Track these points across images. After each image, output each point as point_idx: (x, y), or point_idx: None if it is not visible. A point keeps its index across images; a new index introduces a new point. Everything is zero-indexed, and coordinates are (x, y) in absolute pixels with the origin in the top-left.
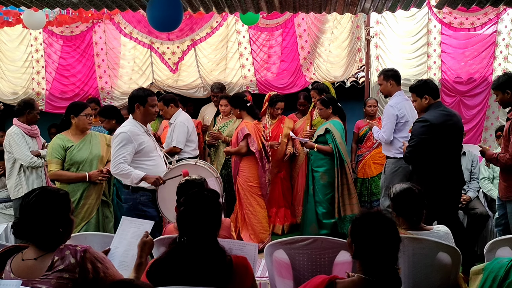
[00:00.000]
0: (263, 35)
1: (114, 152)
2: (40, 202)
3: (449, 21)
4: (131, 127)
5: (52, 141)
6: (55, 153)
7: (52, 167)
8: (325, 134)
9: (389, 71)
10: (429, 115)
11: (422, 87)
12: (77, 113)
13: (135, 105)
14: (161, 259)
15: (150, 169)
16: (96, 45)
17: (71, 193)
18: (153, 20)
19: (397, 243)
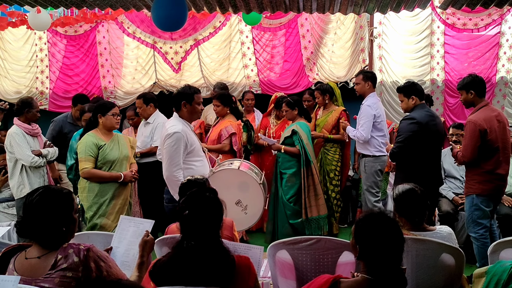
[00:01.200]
0: (266, 35)
1: (170, 154)
2: (43, 201)
3: (453, 22)
4: (182, 126)
5: (85, 139)
6: (88, 150)
7: (86, 165)
8: (292, 136)
9: (369, 73)
10: (415, 114)
11: (410, 88)
12: (104, 112)
13: (182, 103)
14: (165, 260)
15: (199, 170)
16: (100, 44)
17: (102, 193)
18: (157, 20)
19: (402, 243)
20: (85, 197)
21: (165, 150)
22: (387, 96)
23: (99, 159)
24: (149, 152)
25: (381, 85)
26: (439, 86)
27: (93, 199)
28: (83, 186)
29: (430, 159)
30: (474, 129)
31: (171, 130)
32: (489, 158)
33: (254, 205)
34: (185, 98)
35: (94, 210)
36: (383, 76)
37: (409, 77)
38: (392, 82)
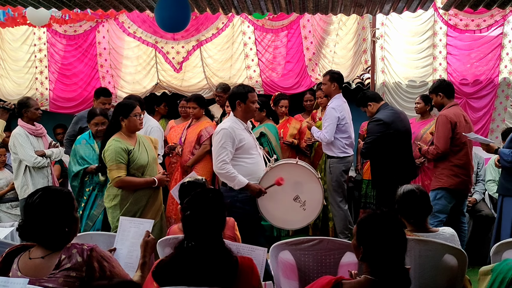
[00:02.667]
0: (268, 36)
1: (217, 150)
2: (44, 202)
3: (455, 23)
4: (231, 124)
5: (112, 145)
6: (119, 158)
7: (119, 173)
8: (260, 138)
9: (335, 73)
10: (381, 115)
11: (363, 99)
12: (126, 114)
13: (236, 102)
14: (167, 260)
15: (249, 167)
16: (99, 44)
17: (136, 200)
18: (161, 21)
19: (405, 242)
20: (116, 206)
21: (213, 146)
22: (390, 98)
23: (130, 165)
24: None
25: (384, 86)
26: None
27: (127, 208)
28: (113, 194)
29: (401, 153)
30: (445, 121)
31: (218, 128)
32: (458, 152)
33: (313, 200)
34: (240, 97)
35: None
36: (386, 77)
37: (411, 78)
38: (394, 83)
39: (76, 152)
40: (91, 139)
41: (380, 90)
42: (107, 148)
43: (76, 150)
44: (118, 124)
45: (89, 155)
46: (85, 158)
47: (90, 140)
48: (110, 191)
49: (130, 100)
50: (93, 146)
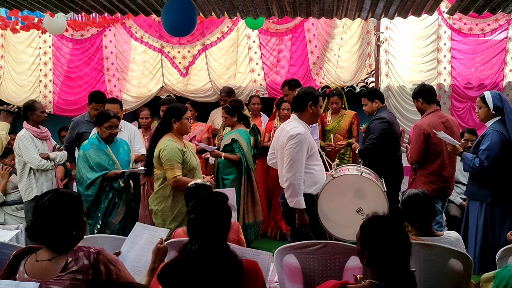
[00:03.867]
0: (273, 39)
1: (293, 156)
2: (53, 205)
3: (459, 27)
4: (304, 129)
5: (169, 145)
6: (177, 157)
7: (177, 173)
8: (232, 144)
9: (292, 81)
10: (384, 114)
11: (373, 93)
12: (179, 117)
13: (309, 103)
14: (171, 263)
15: (317, 175)
16: (106, 48)
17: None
18: (167, 25)
19: (409, 246)
20: (167, 208)
21: (287, 151)
22: (394, 101)
23: (184, 167)
24: (137, 160)
25: (388, 90)
26: (446, 91)
27: (179, 209)
28: (164, 196)
29: (394, 155)
30: (419, 133)
31: (294, 131)
32: (434, 160)
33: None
34: (313, 99)
35: (179, 220)
36: (390, 81)
37: (415, 82)
38: (398, 87)
39: (89, 158)
40: (102, 144)
41: (385, 93)
42: (163, 147)
43: (88, 156)
44: (169, 126)
45: (105, 160)
46: (102, 164)
47: (102, 145)
48: (160, 193)
49: (182, 104)
50: (106, 151)
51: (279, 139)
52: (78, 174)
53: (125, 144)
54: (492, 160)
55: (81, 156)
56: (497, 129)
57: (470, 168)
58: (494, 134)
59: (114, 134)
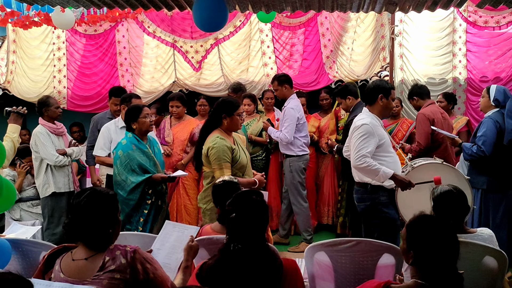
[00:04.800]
0: (285, 33)
1: (358, 144)
2: (91, 203)
3: (474, 20)
4: (371, 120)
5: (217, 143)
6: (226, 156)
7: (225, 173)
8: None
9: (282, 76)
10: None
11: (344, 90)
12: (231, 112)
13: (379, 95)
14: (212, 263)
15: (389, 166)
16: (119, 43)
17: None
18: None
19: (457, 246)
20: (213, 207)
21: (353, 141)
22: None
23: (233, 165)
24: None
25: (402, 83)
26: (461, 84)
27: None
28: None
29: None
30: (424, 119)
31: (359, 122)
32: (438, 146)
33: None
34: (384, 92)
35: None
36: (404, 74)
37: (430, 76)
38: (413, 80)
39: (130, 159)
40: (142, 143)
41: (399, 87)
42: (211, 145)
43: (129, 158)
44: (219, 121)
45: (146, 161)
46: (144, 165)
47: (141, 145)
48: (209, 191)
49: (234, 98)
50: (147, 151)
51: (352, 132)
52: (119, 177)
53: (156, 143)
54: (489, 146)
55: (120, 157)
56: (492, 117)
57: (470, 156)
58: (489, 121)
59: (151, 123)
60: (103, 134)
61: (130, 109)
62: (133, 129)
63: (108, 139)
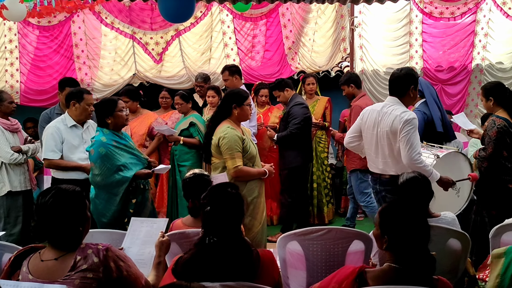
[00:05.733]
0: (247, 24)
1: (413, 140)
2: (58, 202)
3: (430, 11)
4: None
5: (229, 133)
6: (237, 146)
7: (238, 162)
8: (189, 128)
9: (233, 67)
10: (300, 99)
11: (280, 84)
12: (241, 102)
13: (411, 87)
14: (188, 257)
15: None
16: (75, 35)
17: (249, 191)
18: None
19: (428, 230)
20: None
21: (406, 136)
22: (369, 85)
23: (244, 155)
24: None
25: (362, 74)
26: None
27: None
28: None
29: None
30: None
31: (408, 116)
32: None
33: (466, 187)
34: (414, 82)
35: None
36: (364, 65)
37: (389, 66)
38: (373, 71)
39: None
40: (123, 139)
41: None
42: (222, 135)
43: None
44: (229, 111)
45: (131, 158)
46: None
47: (122, 140)
48: None
49: (243, 90)
50: (128, 146)
51: (378, 123)
52: (100, 177)
53: (129, 137)
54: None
55: (103, 154)
56: (420, 109)
57: None
58: (418, 114)
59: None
60: (53, 135)
61: (103, 102)
62: (107, 123)
63: (59, 140)
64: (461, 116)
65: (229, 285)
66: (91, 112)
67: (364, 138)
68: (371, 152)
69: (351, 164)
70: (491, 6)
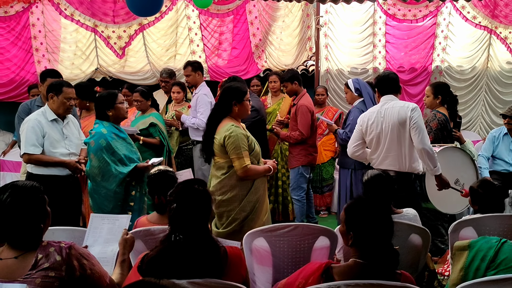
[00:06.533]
0: (214, 21)
1: (421, 126)
2: (16, 200)
3: (393, 13)
4: None
5: (234, 131)
6: (244, 145)
7: (247, 161)
8: (149, 128)
9: (195, 63)
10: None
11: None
12: (240, 98)
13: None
14: (153, 254)
15: None
16: (34, 27)
17: (256, 189)
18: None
19: (392, 226)
20: (234, 197)
21: (416, 123)
22: (333, 84)
23: (250, 153)
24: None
25: (327, 73)
26: None
27: (247, 198)
28: (230, 185)
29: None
30: (307, 110)
31: (412, 105)
32: (312, 134)
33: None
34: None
35: (247, 211)
36: (329, 64)
37: (353, 66)
38: (337, 70)
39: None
40: (122, 132)
41: (324, 77)
42: (228, 134)
43: (115, 147)
44: (229, 108)
45: (130, 151)
46: (128, 155)
47: (121, 133)
48: (225, 182)
49: (241, 84)
50: (128, 140)
51: (382, 121)
52: (99, 170)
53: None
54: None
55: (104, 146)
56: (358, 107)
57: (341, 141)
58: (356, 111)
59: (127, 110)
60: (34, 128)
61: (103, 95)
62: (107, 116)
63: (41, 134)
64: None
65: (196, 282)
66: (70, 106)
67: (368, 142)
68: (379, 152)
69: (296, 161)
70: (451, 10)
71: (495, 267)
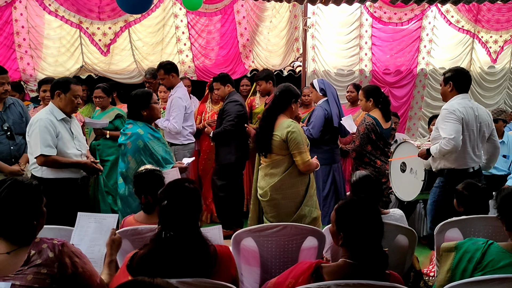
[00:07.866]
0: (201, 20)
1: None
2: (13, 195)
3: (379, 15)
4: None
5: (295, 127)
6: (305, 139)
7: (308, 156)
8: (114, 121)
9: (168, 64)
10: (237, 97)
11: (224, 78)
12: (296, 99)
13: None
14: (144, 253)
15: None
16: (16, 22)
17: (313, 183)
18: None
19: (382, 227)
20: (296, 193)
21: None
22: None
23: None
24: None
25: (314, 74)
26: (367, 76)
27: (309, 192)
28: (291, 181)
29: (244, 136)
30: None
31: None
32: None
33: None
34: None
35: (310, 205)
36: (316, 65)
37: (339, 67)
38: (324, 71)
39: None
40: (157, 132)
41: (311, 78)
42: (291, 130)
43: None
44: (285, 106)
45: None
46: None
47: (156, 133)
48: (286, 179)
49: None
50: (162, 140)
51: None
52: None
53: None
54: (316, 129)
55: (141, 148)
56: (322, 106)
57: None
58: (319, 109)
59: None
60: (47, 128)
61: (139, 94)
62: (141, 116)
63: (54, 133)
64: (348, 118)
65: (187, 282)
66: (77, 104)
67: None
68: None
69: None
70: (436, 14)
71: (482, 269)
